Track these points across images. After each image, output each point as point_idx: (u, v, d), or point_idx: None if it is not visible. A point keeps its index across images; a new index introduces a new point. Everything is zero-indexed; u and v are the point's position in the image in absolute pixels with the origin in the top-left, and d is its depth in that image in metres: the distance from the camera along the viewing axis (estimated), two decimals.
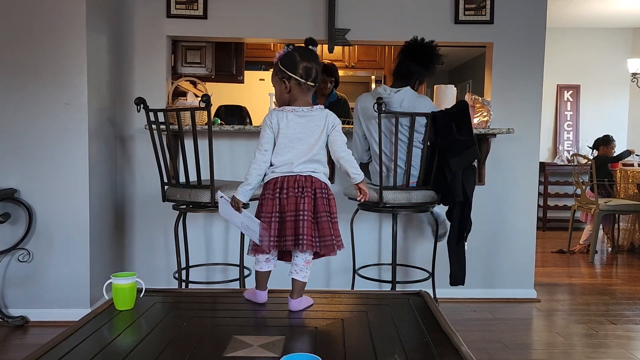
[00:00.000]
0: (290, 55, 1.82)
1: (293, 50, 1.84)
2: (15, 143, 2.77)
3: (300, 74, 1.79)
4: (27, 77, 2.75)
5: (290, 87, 1.80)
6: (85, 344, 1.45)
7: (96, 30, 2.88)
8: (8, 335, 2.67)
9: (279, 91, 1.83)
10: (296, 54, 1.82)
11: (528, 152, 3.34)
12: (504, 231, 3.38)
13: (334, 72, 3.91)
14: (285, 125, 1.78)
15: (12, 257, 2.81)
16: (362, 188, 1.91)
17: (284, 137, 1.78)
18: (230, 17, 3.21)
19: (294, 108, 1.80)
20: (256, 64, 5.55)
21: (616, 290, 3.66)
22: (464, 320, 2.95)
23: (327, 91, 3.91)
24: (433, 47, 2.66)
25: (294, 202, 1.75)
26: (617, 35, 6.58)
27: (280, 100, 1.85)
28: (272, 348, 1.40)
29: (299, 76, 1.79)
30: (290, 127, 1.78)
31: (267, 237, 1.73)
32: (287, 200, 1.75)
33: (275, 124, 1.79)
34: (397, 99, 2.58)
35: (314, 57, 1.84)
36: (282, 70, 1.80)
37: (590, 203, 4.75)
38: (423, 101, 2.62)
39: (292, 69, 1.79)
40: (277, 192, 1.77)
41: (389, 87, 2.63)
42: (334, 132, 1.84)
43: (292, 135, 1.78)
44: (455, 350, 1.39)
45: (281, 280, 3.27)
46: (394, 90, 2.60)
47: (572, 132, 6.67)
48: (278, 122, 1.79)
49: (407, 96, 2.60)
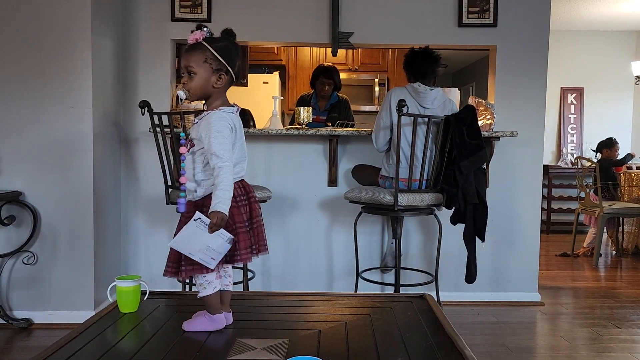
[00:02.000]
0: (228, 46, 1.57)
1: (225, 39, 1.58)
2: (20, 146, 2.79)
3: (236, 71, 1.58)
4: (32, 80, 2.77)
5: (224, 82, 1.56)
6: (89, 346, 1.45)
7: (101, 34, 2.90)
8: (12, 337, 2.68)
9: (206, 81, 1.54)
10: (232, 45, 1.58)
11: (532, 155, 3.34)
12: (507, 234, 3.37)
13: (333, 74, 3.89)
14: (239, 124, 1.62)
15: (17, 259, 2.82)
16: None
17: (241, 137, 1.62)
18: (234, 21, 3.22)
19: (237, 107, 1.63)
20: (260, 67, 5.57)
21: (620, 294, 3.64)
22: (467, 324, 2.94)
23: (327, 93, 3.89)
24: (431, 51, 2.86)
25: (258, 206, 1.66)
26: (621, 38, 6.57)
27: (202, 92, 1.56)
28: (276, 351, 1.40)
29: (234, 74, 1.58)
30: (238, 126, 1.62)
31: (246, 249, 1.55)
32: (256, 204, 1.64)
33: (232, 125, 1.57)
34: (432, 96, 2.75)
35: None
36: (219, 60, 1.53)
37: (594, 206, 4.73)
38: (451, 104, 2.82)
39: (232, 62, 1.56)
40: (244, 197, 1.61)
41: (423, 85, 2.78)
42: None
43: (240, 133, 1.63)
44: (459, 354, 1.39)
45: (283, 282, 3.28)
46: (429, 88, 2.76)
47: (576, 135, 6.66)
48: (234, 122, 1.58)
49: (439, 95, 2.79)
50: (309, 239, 3.30)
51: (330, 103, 3.92)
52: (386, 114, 2.77)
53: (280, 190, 3.24)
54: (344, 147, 3.26)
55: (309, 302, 1.93)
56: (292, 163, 3.27)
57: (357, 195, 2.75)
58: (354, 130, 3.05)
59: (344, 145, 3.25)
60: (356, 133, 3.02)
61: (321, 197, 3.29)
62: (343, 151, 3.25)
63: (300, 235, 3.30)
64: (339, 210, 3.27)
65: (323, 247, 3.31)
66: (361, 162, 3.20)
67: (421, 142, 2.67)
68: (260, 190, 2.73)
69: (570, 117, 6.66)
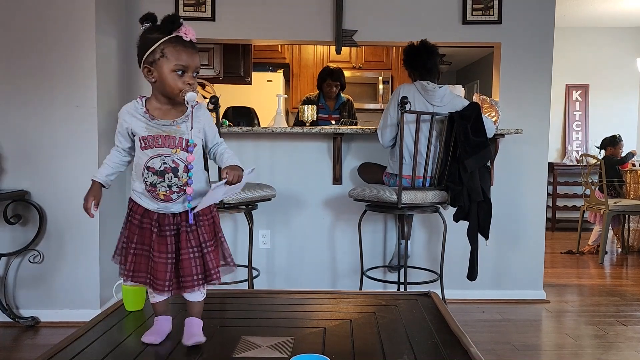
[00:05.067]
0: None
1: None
2: (26, 145, 2.80)
3: None
4: (37, 79, 2.78)
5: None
6: (95, 344, 1.46)
7: (105, 32, 2.91)
8: (19, 335, 2.70)
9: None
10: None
11: (537, 152, 3.33)
12: (512, 232, 3.36)
13: (339, 76, 4.08)
14: None
15: (24, 258, 2.83)
16: None
17: None
18: (238, 19, 3.22)
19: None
20: (264, 65, 5.56)
21: (626, 291, 3.63)
22: (472, 321, 2.94)
23: (333, 94, 4.08)
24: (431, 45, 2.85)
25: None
26: (626, 35, 6.53)
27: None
28: (281, 349, 1.40)
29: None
30: None
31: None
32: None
33: None
34: (440, 94, 2.74)
35: None
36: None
37: (600, 203, 4.71)
38: (461, 101, 2.78)
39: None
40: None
41: (432, 83, 2.77)
42: None
43: None
44: (464, 352, 1.39)
45: (288, 280, 3.28)
46: (437, 86, 2.75)
47: (581, 132, 6.63)
48: None
49: (448, 93, 2.77)
50: (313, 237, 3.30)
51: (339, 103, 4.11)
52: (394, 110, 2.76)
53: (285, 188, 3.25)
54: (349, 145, 3.26)
55: (314, 300, 1.94)
56: (296, 161, 3.27)
57: (362, 193, 2.75)
58: (358, 128, 3.05)
59: (349, 143, 3.25)
60: (360, 131, 3.02)
61: (325, 195, 3.29)
62: (347, 149, 3.25)
63: (305, 234, 3.30)
64: (344, 209, 3.27)
65: (327, 245, 3.31)
66: (365, 160, 3.20)
67: (425, 139, 2.66)
68: (265, 188, 2.73)
69: (575, 114, 6.64)
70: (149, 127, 1.41)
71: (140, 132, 1.41)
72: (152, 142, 1.41)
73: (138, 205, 1.46)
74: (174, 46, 1.38)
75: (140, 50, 1.42)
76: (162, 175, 1.41)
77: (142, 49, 1.41)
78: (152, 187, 1.42)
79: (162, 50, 1.38)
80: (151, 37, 1.40)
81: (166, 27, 1.40)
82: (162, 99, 1.44)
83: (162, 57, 1.38)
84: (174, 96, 1.40)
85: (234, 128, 3.01)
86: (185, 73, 1.39)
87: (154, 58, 1.39)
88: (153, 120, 1.41)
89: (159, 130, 1.41)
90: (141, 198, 1.45)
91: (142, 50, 1.40)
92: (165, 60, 1.38)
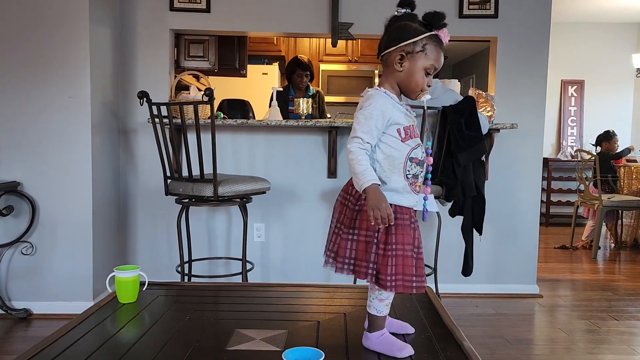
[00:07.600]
0: None
1: None
2: (18, 136, 2.77)
3: None
4: (30, 70, 2.75)
5: None
6: (88, 336, 1.45)
7: (100, 23, 2.88)
8: (11, 327, 2.69)
9: None
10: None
11: (532, 147, 3.33)
12: (506, 226, 3.37)
13: (309, 65, 4.00)
14: None
15: (16, 249, 2.81)
16: None
17: None
18: (234, 11, 3.20)
19: None
20: (259, 57, 5.54)
21: (619, 287, 3.65)
22: (466, 316, 2.95)
23: (304, 85, 4.00)
24: None
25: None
26: (622, 31, 6.54)
27: None
28: (275, 341, 1.40)
29: None
30: None
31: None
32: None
33: None
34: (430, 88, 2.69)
35: None
36: None
37: (594, 199, 4.73)
38: (452, 94, 2.74)
39: None
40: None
41: None
42: None
43: None
44: (457, 345, 1.39)
45: (282, 274, 3.28)
46: None
47: (576, 127, 6.65)
48: None
49: (439, 86, 2.72)
50: (308, 231, 3.29)
51: (308, 95, 4.00)
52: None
53: (280, 181, 3.24)
54: (344, 139, 3.25)
55: (308, 293, 1.94)
56: (291, 154, 3.26)
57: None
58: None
59: (343, 136, 3.24)
60: None
61: (320, 189, 3.28)
62: (343, 143, 3.24)
63: (300, 227, 3.29)
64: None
65: (322, 238, 3.29)
66: None
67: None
68: (260, 181, 2.72)
69: (570, 109, 6.65)
70: (407, 117, 1.38)
71: (402, 122, 1.36)
72: (412, 132, 1.37)
73: (394, 206, 1.33)
74: (436, 45, 1.35)
75: (397, 35, 1.36)
76: (422, 166, 1.39)
77: (402, 35, 1.35)
78: (414, 179, 1.37)
79: (424, 45, 1.34)
80: (415, 26, 1.36)
81: (433, 23, 1.37)
82: (396, 89, 1.39)
83: (422, 51, 1.34)
84: (412, 91, 1.37)
85: (229, 121, 3.00)
86: (429, 75, 1.37)
87: (413, 49, 1.34)
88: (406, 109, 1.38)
89: (412, 120, 1.39)
90: (402, 194, 1.35)
91: (402, 36, 1.35)
92: (424, 56, 1.34)
